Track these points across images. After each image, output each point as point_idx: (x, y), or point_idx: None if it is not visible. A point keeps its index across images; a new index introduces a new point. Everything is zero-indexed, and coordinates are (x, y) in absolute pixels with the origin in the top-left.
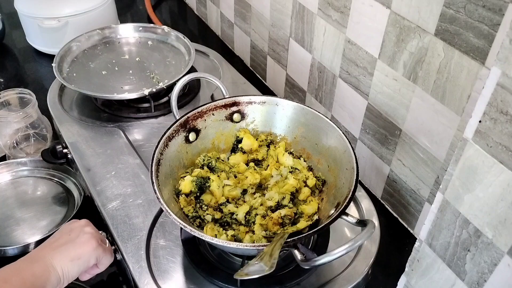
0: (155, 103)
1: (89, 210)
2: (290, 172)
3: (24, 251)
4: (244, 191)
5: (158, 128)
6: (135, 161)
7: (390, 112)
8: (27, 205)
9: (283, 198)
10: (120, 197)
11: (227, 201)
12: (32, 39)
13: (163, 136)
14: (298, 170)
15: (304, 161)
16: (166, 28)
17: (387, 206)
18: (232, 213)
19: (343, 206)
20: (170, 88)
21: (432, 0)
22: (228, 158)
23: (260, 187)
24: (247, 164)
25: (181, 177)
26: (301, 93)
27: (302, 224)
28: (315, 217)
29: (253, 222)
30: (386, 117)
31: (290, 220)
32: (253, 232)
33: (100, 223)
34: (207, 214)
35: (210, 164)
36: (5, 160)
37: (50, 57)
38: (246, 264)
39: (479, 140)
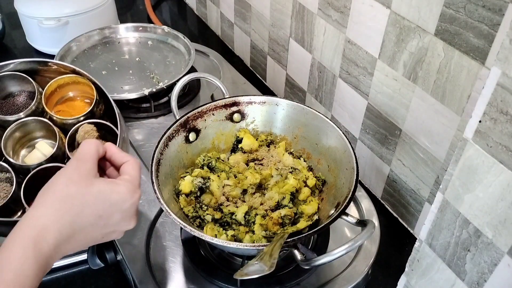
0: (155, 103)
1: None
2: (290, 172)
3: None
4: (244, 191)
5: (158, 128)
6: None
7: (390, 112)
8: None
9: (283, 198)
10: None
11: (227, 201)
12: (32, 39)
13: (163, 136)
14: (298, 170)
15: (304, 161)
16: (166, 28)
17: (387, 206)
18: (232, 213)
19: (343, 206)
20: (170, 88)
21: (432, 0)
22: (228, 158)
23: (260, 187)
24: (247, 164)
25: (181, 177)
26: (301, 93)
27: (302, 224)
28: (315, 217)
29: (253, 222)
30: (386, 117)
31: (290, 220)
32: (253, 232)
33: None
34: (207, 214)
35: (210, 164)
36: None
37: (50, 57)
38: (246, 264)
39: (479, 140)
